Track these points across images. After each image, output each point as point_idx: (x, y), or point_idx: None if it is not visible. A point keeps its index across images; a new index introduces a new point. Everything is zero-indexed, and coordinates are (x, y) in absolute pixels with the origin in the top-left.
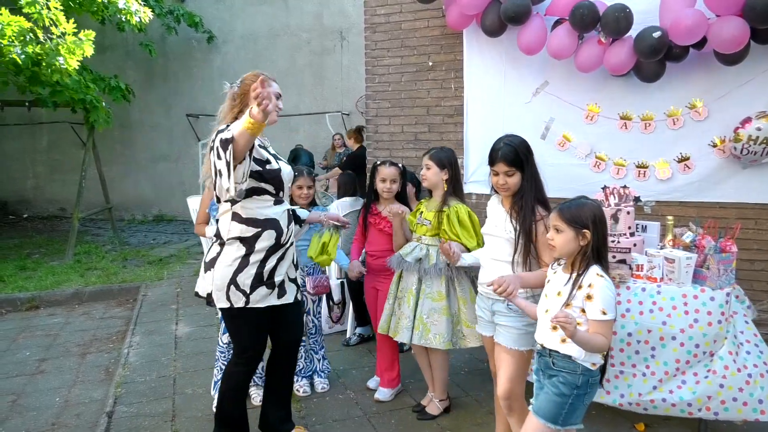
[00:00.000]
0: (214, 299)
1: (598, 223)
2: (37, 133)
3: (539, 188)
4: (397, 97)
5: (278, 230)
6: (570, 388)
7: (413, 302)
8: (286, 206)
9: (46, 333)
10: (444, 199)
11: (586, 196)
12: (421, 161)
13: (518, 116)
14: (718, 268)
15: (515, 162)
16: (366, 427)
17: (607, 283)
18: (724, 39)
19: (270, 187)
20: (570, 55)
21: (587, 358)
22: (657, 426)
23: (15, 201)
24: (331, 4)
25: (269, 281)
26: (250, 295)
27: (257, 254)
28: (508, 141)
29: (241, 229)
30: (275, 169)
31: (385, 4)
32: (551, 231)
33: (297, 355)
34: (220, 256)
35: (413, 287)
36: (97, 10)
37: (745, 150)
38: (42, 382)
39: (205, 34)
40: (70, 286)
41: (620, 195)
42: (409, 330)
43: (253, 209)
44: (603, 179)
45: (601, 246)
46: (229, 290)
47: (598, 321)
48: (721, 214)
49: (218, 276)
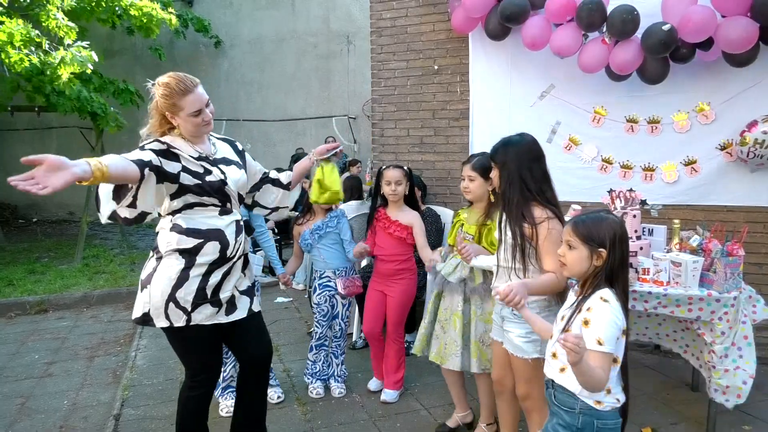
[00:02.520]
0: (152, 318)
1: (617, 243)
2: (47, 138)
3: (530, 188)
4: (402, 100)
5: (223, 242)
6: (569, 431)
7: (460, 325)
8: (236, 217)
9: (55, 336)
10: (487, 212)
11: (608, 210)
12: (427, 165)
13: (524, 119)
14: (725, 271)
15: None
16: (371, 430)
17: (612, 309)
18: (731, 39)
19: (213, 199)
20: (574, 52)
21: (587, 393)
22: (664, 430)
23: (25, 205)
24: (337, 8)
25: (214, 299)
26: (191, 312)
27: (198, 268)
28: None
29: (179, 239)
30: (217, 180)
31: (391, 8)
32: (563, 246)
33: (267, 372)
34: (157, 270)
35: (459, 309)
36: (107, 18)
37: (752, 153)
38: (50, 384)
39: (213, 39)
40: (78, 289)
41: (626, 198)
42: (459, 356)
43: (195, 219)
44: (609, 182)
45: (618, 269)
46: (168, 308)
47: (592, 351)
48: (729, 218)
49: (155, 292)
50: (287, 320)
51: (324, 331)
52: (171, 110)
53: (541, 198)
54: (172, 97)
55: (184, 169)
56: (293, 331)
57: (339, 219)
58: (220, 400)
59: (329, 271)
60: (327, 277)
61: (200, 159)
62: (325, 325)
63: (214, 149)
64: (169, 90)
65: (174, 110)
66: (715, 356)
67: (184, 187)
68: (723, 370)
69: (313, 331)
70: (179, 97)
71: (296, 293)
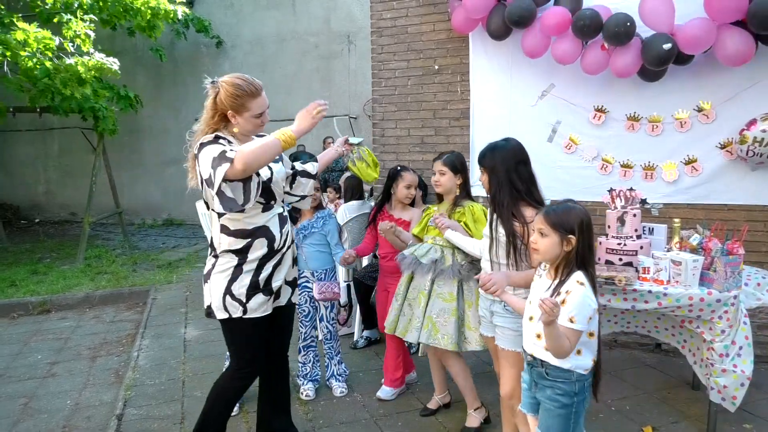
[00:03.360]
0: (213, 311)
1: (584, 229)
2: (49, 139)
3: (518, 189)
4: (403, 100)
5: (269, 237)
6: (569, 396)
7: (424, 302)
8: (278, 210)
9: (57, 336)
10: (455, 202)
11: (572, 199)
12: (427, 165)
13: (525, 119)
14: (725, 270)
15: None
16: (373, 429)
17: (586, 291)
18: (729, 54)
19: (260, 198)
20: (575, 60)
21: (577, 363)
22: (665, 429)
23: (27, 206)
24: (338, 8)
25: (266, 288)
26: (246, 303)
27: (251, 263)
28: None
29: (230, 241)
30: (264, 180)
31: (392, 8)
32: (535, 234)
33: (287, 362)
34: (215, 267)
35: (425, 288)
36: (109, 19)
37: (751, 152)
38: (53, 384)
39: (214, 39)
40: (80, 289)
41: (627, 197)
42: (418, 330)
43: (240, 220)
44: (610, 181)
45: (586, 252)
46: (225, 301)
47: (563, 326)
48: (729, 217)
49: (214, 288)
50: None
51: (308, 332)
52: (237, 110)
53: (530, 198)
54: (242, 98)
55: None
56: (293, 331)
57: (325, 220)
58: None
59: (308, 271)
60: (305, 278)
61: None
62: (309, 325)
63: None
64: (240, 91)
65: (240, 110)
66: (715, 353)
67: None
68: (721, 369)
69: (299, 331)
70: (249, 99)
71: None
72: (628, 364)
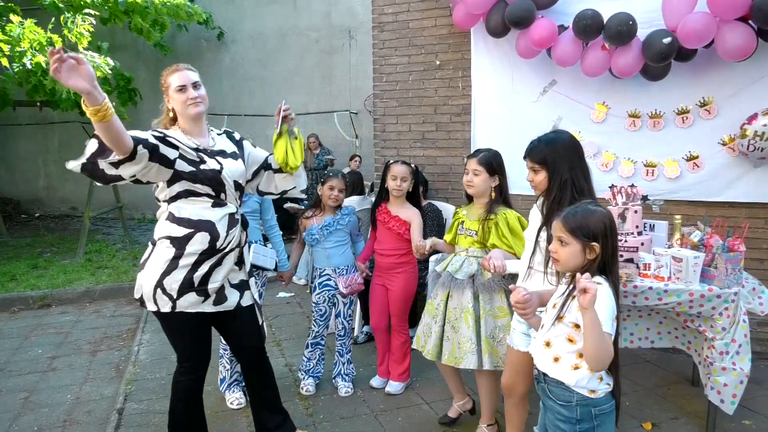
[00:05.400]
0: (144, 301)
1: (608, 235)
2: (49, 133)
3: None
4: (404, 95)
5: (213, 234)
6: (570, 424)
7: (472, 322)
8: (229, 210)
9: (58, 331)
10: (489, 207)
11: (594, 200)
12: (428, 160)
13: (526, 115)
14: (726, 267)
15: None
16: (373, 424)
17: (606, 290)
18: (728, 49)
19: (206, 188)
20: (576, 61)
21: (582, 384)
22: (664, 425)
23: (27, 200)
24: (339, 3)
25: (200, 288)
26: (177, 300)
27: (187, 258)
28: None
29: (171, 228)
30: (211, 169)
31: (393, 3)
32: (554, 242)
33: (264, 362)
34: (151, 257)
35: (469, 305)
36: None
37: (751, 146)
38: (54, 379)
39: (215, 30)
40: (81, 284)
41: (628, 194)
42: (476, 354)
43: (187, 209)
44: (611, 178)
45: (608, 258)
46: (156, 294)
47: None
48: (731, 213)
49: (146, 278)
50: (289, 315)
51: (321, 331)
52: (165, 92)
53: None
54: (164, 77)
55: (180, 157)
56: (295, 326)
57: (350, 217)
58: (227, 394)
59: (330, 269)
60: (327, 276)
61: (197, 150)
62: (322, 324)
63: (213, 143)
64: (163, 72)
65: (167, 91)
66: (715, 351)
67: (178, 173)
68: (721, 368)
69: (311, 329)
70: (168, 75)
71: (298, 288)
72: (627, 360)
